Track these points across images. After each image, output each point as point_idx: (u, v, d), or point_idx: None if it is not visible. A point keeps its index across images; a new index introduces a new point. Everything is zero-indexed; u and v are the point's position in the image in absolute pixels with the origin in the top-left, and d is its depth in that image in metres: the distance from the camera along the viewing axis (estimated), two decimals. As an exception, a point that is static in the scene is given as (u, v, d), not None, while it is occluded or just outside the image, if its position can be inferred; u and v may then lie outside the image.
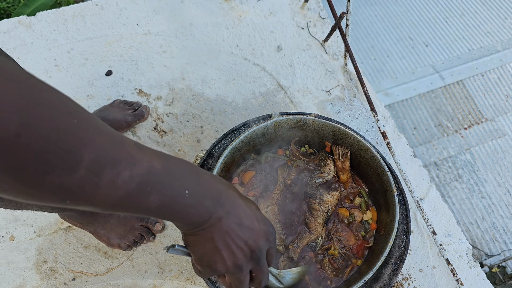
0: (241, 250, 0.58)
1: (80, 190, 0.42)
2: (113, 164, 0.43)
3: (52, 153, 0.38)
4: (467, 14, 3.21)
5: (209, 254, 0.58)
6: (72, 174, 0.40)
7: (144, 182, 0.47)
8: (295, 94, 1.56)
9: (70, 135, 0.39)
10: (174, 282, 1.29)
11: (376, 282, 0.91)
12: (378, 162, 0.94)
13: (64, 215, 1.25)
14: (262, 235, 0.61)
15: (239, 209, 0.58)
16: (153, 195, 0.48)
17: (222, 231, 0.56)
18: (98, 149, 0.42)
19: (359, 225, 0.98)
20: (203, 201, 0.54)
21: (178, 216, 0.53)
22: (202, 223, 0.55)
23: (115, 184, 0.44)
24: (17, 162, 0.36)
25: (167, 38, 1.65)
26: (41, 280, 1.30)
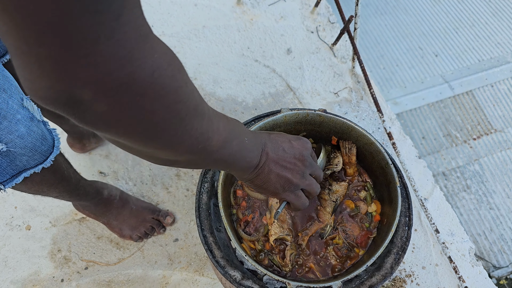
0: (295, 164, 0.73)
1: (206, 134, 0.52)
2: (214, 116, 0.55)
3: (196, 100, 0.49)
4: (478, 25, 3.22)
5: (278, 181, 0.72)
6: (203, 120, 0.51)
7: (230, 130, 0.59)
8: (303, 95, 1.60)
9: (198, 93, 0.51)
10: (183, 273, 1.33)
11: (378, 270, 0.94)
12: (382, 156, 0.97)
13: (79, 206, 1.31)
14: (301, 147, 0.75)
15: (276, 142, 0.72)
16: (234, 140, 0.60)
17: (273, 161, 0.70)
18: (206, 103, 0.53)
19: (363, 216, 1.02)
20: (255, 146, 0.67)
21: (244, 159, 0.65)
22: (257, 162, 0.68)
23: (219, 130, 0.56)
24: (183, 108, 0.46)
25: (181, 40, 1.71)
26: (55, 268, 1.34)
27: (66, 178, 0.98)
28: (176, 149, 0.51)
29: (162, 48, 0.42)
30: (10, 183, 0.80)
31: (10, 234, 1.39)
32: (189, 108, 0.47)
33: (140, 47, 0.37)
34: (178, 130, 0.47)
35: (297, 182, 0.74)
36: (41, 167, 0.83)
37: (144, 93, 0.40)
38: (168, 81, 0.42)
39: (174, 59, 0.44)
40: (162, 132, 0.46)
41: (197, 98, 0.49)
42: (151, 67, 0.39)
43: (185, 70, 0.48)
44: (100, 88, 0.37)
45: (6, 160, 0.75)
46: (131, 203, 1.35)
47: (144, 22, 0.39)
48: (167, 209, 1.42)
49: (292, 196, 0.77)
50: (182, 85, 0.45)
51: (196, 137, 0.51)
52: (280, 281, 0.86)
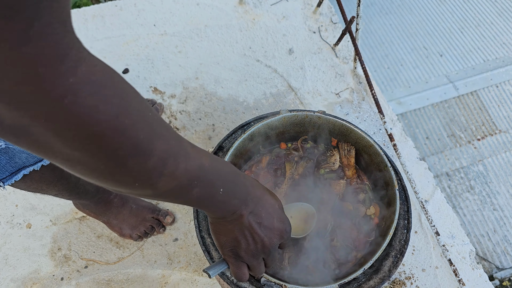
0: (256, 244, 0.68)
1: (149, 175, 0.47)
2: (175, 157, 0.49)
3: (137, 138, 0.43)
4: (483, 25, 3.20)
5: (230, 241, 0.68)
6: (148, 160, 0.46)
7: (194, 176, 0.53)
8: (305, 95, 1.60)
9: (149, 125, 0.45)
10: (182, 273, 1.33)
11: (376, 273, 0.93)
12: (381, 158, 0.97)
13: (79, 205, 1.31)
14: (277, 234, 0.70)
15: (262, 209, 0.67)
16: (197, 188, 0.54)
17: (243, 226, 0.65)
18: (166, 142, 0.48)
19: (362, 219, 1.01)
20: (231, 200, 0.62)
21: (210, 208, 0.61)
22: (228, 216, 0.64)
23: (174, 175, 0.50)
24: (113, 143, 0.41)
25: (183, 39, 1.71)
26: (55, 267, 1.35)
27: (65, 176, 0.98)
28: (104, 182, 0.47)
29: (91, 73, 0.38)
30: (9, 180, 0.80)
31: (11, 232, 1.40)
32: (121, 146, 0.42)
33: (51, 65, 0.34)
34: (101, 166, 0.43)
35: (246, 257, 0.70)
36: (40, 164, 0.84)
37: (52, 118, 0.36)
38: (84, 111, 0.37)
39: (105, 88, 0.39)
40: (80, 163, 0.42)
41: (140, 135, 0.44)
42: (62, 91, 0.35)
43: (130, 102, 0.43)
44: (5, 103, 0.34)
45: (5, 157, 0.75)
46: (131, 202, 1.35)
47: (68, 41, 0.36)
48: (167, 208, 1.42)
49: (233, 262, 0.72)
50: (110, 119, 0.39)
51: (130, 177, 0.46)
52: (277, 283, 0.86)
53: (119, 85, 0.42)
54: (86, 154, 0.41)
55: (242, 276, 0.74)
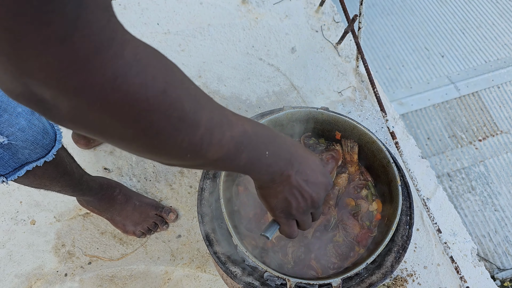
0: (305, 200, 0.71)
1: (199, 145, 0.49)
2: (220, 126, 0.51)
3: (184, 111, 0.45)
4: (484, 26, 3.20)
5: (281, 202, 0.70)
6: (196, 132, 0.48)
7: (240, 142, 0.55)
8: (307, 94, 1.61)
9: (194, 98, 0.47)
10: (185, 269, 1.34)
11: (378, 268, 0.94)
12: (384, 154, 0.98)
13: (83, 201, 1.32)
14: (323, 188, 0.73)
15: (306, 167, 0.69)
16: (244, 153, 0.56)
17: (291, 185, 0.68)
18: (210, 112, 0.50)
19: (364, 215, 1.02)
20: (278, 161, 0.64)
21: (258, 172, 0.63)
22: (275, 178, 0.66)
23: (221, 142, 0.52)
24: (163, 118, 0.43)
25: (186, 38, 1.72)
26: (59, 263, 1.36)
27: (68, 173, 0.99)
28: (156, 156, 0.49)
29: (135, 53, 0.39)
30: (12, 176, 0.81)
31: (15, 229, 1.41)
32: (170, 119, 0.44)
33: (99, 51, 0.36)
34: (154, 141, 0.45)
35: (297, 214, 0.73)
36: (43, 160, 0.85)
37: (106, 100, 0.38)
38: (134, 89, 0.39)
39: (150, 66, 0.41)
40: (135, 140, 0.44)
41: (186, 108, 0.45)
42: (112, 74, 0.37)
43: (174, 76, 0.45)
44: (57, 89, 0.36)
45: (8, 153, 0.76)
46: (135, 199, 1.36)
47: (113, 25, 0.37)
48: (170, 205, 1.43)
49: (285, 222, 0.75)
50: (158, 94, 0.41)
51: (182, 149, 0.48)
52: (281, 277, 0.87)
53: (162, 61, 0.44)
54: (140, 131, 0.43)
55: (293, 233, 0.77)
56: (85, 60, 0.35)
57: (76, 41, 0.33)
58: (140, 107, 0.40)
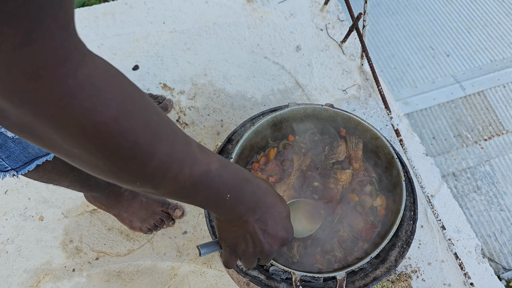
0: (255, 248, 0.69)
1: (150, 177, 0.48)
2: (179, 162, 0.50)
3: (136, 142, 0.44)
4: (490, 25, 3.18)
5: (230, 239, 0.70)
6: (148, 163, 0.46)
7: (198, 182, 0.53)
8: (312, 92, 1.62)
9: (152, 129, 0.46)
10: (191, 265, 1.35)
11: (383, 263, 0.95)
12: (388, 150, 0.99)
13: (91, 197, 1.34)
14: (279, 242, 0.71)
15: (268, 217, 0.67)
16: (202, 192, 0.55)
17: (247, 231, 0.66)
18: (170, 146, 0.48)
19: (368, 210, 1.03)
20: (239, 206, 0.62)
21: (215, 211, 0.62)
22: (232, 220, 0.65)
23: (176, 179, 0.50)
24: (111, 145, 0.42)
25: (192, 36, 1.74)
26: (67, 258, 1.38)
27: (77, 168, 1.01)
28: (106, 178, 0.48)
29: (91, 75, 0.39)
30: (23, 170, 0.83)
31: (24, 225, 1.43)
32: (119, 148, 0.43)
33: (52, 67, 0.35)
34: (100, 165, 0.44)
35: (241, 256, 0.73)
36: (53, 155, 0.86)
37: (50, 118, 0.38)
38: (81, 112, 0.38)
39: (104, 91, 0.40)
40: (79, 160, 0.44)
41: (140, 139, 0.44)
42: (60, 93, 0.37)
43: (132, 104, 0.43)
44: (6, 97, 0.36)
45: (19, 148, 0.78)
46: (141, 196, 1.37)
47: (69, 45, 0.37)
48: (176, 202, 1.45)
49: (227, 254, 0.74)
50: (107, 121, 0.40)
51: (130, 177, 0.47)
52: (286, 271, 0.88)
53: (121, 87, 0.42)
54: (85, 152, 0.42)
55: (230, 265, 0.76)
56: (35, 73, 0.35)
57: (28, 53, 0.33)
58: (86, 131, 0.40)
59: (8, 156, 0.78)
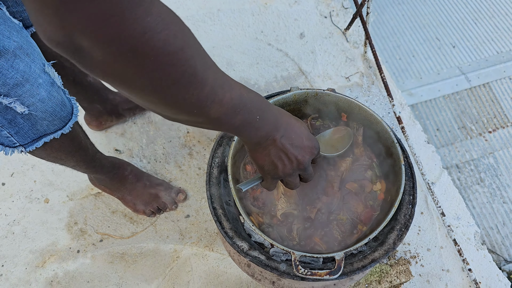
0: (291, 162, 0.77)
1: (204, 102, 0.55)
2: (222, 87, 0.57)
3: (195, 69, 0.50)
4: (497, 16, 3.16)
5: (268, 164, 0.77)
6: (204, 88, 0.53)
7: (237, 105, 0.60)
8: (315, 79, 1.62)
9: (204, 59, 0.53)
10: (193, 248, 1.37)
11: (381, 245, 0.96)
12: (388, 135, 1.00)
13: (95, 180, 1.36)
14: (308, 151, 0.79)
15: (291, 132, 0.75)
16: (239, 115, 0.62)
17: (277, 148, 0.74)
18: (215, 73, 0.55)
19: (368, 195, 1.04)
20: (265, 126, 0.70)
21: (248, 134, 0.69)
22: (262, 141, 0.72)
23: (222, 102, 0.57)
24: (179, 72, 0.49)
25: (196, 23, 1.75)
26: (72, 240, 1.40)
27: (83, 148, 1.03)
28: (167, 108, 0.54)
29: (160, 12, 0.45)
30: (31, 146, 0.85)
31: (30, 207, 1.45)
32: (184, 74, 0.49)
33: (133, 8, 0.41)
34: (168, 92, 0.50)
35: (282, 176, 0.79)
36: (60, 133, 0.88)
37: (134, 51, 0.43)
38: (159, 44, 0.44)
39: (172, 25, 0.46)
40: (152, 90, 0.49)
41: (197, 66, 0.50)
42: (142, 28, 0.42)
43: (189, 37, 0.50)
44: (95, 39, 0.41)
45: (28, 124, 0.79)
46: (145, 179, 1.40)
47: None
48: (180, 186, 1.47)
49: (270, 181, 0.82)
50: (177, 50, 0.47)
51: (190, 103, 0.53)
52: (286, 250, 0.90)
53: (180, 22, 0.49)
54: (157, 82, 0.48)
55: (272, 188, 0.85)
56: (120, 14, 0.40)
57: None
58: (161, 60, 0.46)
59: (17, 132, 0.80)
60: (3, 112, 0.74)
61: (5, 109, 0.74)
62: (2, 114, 0.75)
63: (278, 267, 0.94)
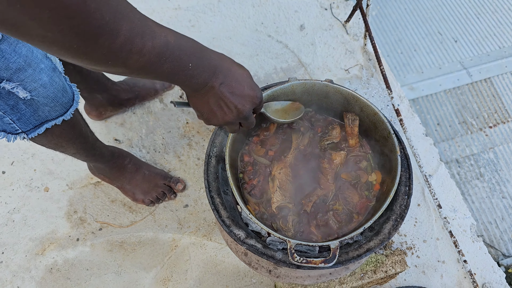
0: (231, 111, 0.76)
1: (119, 53, 0.52)
2: (141, 35, 0.54)
3: (103, 19, 0.48)
4: (500, 11, 3.15)
5: (206, 112, 0.76)
6: (115, 39, 0.50)
7: (161, 53, 0.58)
8: (315, 71, 1.63)
9: (114, 8, 0.49)
10: (191, 237, 1.39)
11: (376, 235, 0.97)
12: (385, 126, 1.00)
13: (95, 170, 1.37)
14: (249, 100, 0.77)
15: (232, 80, 0.73)
16: (166, 63, 0.60)
17: (216, 96, 0.72)
18: (131, 22, 0.52)
19: (363, 185, 1.05)
20: (201, 73, 0.67)
21: (182, 82, 0.66)
22: (199, 88, 0.70)
23: (142, 52, 0.55)
24: (82, 25, 0.46)
25: (196, 14, 1.75)
26: (71, 228, 1.42)
27: (83, 135, 1.04)
28: (77, 59, 0.51)
29: None
30: (33, 132, 0.86)
31: (30, 195, 1.47)
32: (89, 26, 0.47)
33: None
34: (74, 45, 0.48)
35: (222, 123, 0.79)
36: (61, 119, 0.89)
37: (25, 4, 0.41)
38: None
39: None
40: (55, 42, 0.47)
41: (106, 17, 0.48)
42: None
43: None
44: None
45: (30, 110, 0.80)
46: (144, 169, 1.41)
47: None
48: (179, 176, 1.48)
49: (209, 124, 0.82)
50: (79, 2, 0.44)
51: (102, 54, 0.51)
52: (282, 239, 0.91)
53: None
54: (59, 34, 0.46)
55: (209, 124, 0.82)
56: None
57: None
58: (60, 13, 0.43)
59: (19, 119, 0.80)
60: (5, 98, 0.75)
61: (8, 94, 0.74)
62: (5, 100, 0.75)
63: (274, 255, 0.95)
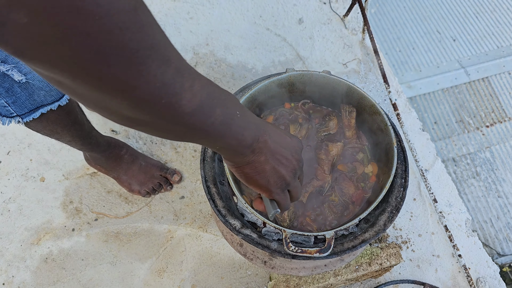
0: (291, 162, 0.66)
1: (172, 86, 0.41)
2: (188, 71, 0.44)
3: (155, 39, 0.38)
4: (499, 10, 3.15)
5: (272, 175, 0.64)
6: (168, 68, 0.40)
7: (211, 93, 0.48)
8: (312, 65, 1.63)
9: (160, 28, 0.40)
10: (187, 228, 1.39)
11: (372, 227, 0.98)
12: (382, 118, 1.00)
13: (91, 160, 1.37)
14: (296, 146, 0.69)
15: (274, 133, 0.64)
16: (218, 107, 0.49)
17: (272, 151, 0.62)
18: (176, 52, 0.43)
19: (360, 177, 1.05)
20: (250, 124, 0.57)
21: (234, 137, 0.55)
22: (254, 146, 0.59)
23: (193, 88, 0.44)
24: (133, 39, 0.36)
25: (195, 6, 1.74)
26: (67, 218, 1.41)
27: (79, 122, 1.03)
28: (127, 95, 0.39)
29: None
30: (28, 117, 0.86)
31: (25, 185, 1.46)
32: (142, 43, 0.36)
33: None
34: (125, 67, 0.36)
35: (290, 182, 0.67)
36: (57, 104, 0.89)
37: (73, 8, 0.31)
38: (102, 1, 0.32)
39: None
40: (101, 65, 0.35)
41: (157, 36, 0.38)
42: None
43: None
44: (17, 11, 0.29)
45: (25, 93, 0.80)
46: (141, 160, 1.40)
47: None
48: (175, 167, 1.48)
49: (282, 196, 0.69)
50: (130, 10, 0.34)
51: (155, 86, 0.39)
52: (278, 229, 0.91)
53: None
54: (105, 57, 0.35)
55: (289, 204, 0.72)
56: None
57: None
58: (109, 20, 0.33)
59: (14, 102, 0.80)
60: (0, 80, 0.75)
61: (3, 76, 0.74)
62: (0, 83, 0.75)
63: (270, 245, 0.95)
